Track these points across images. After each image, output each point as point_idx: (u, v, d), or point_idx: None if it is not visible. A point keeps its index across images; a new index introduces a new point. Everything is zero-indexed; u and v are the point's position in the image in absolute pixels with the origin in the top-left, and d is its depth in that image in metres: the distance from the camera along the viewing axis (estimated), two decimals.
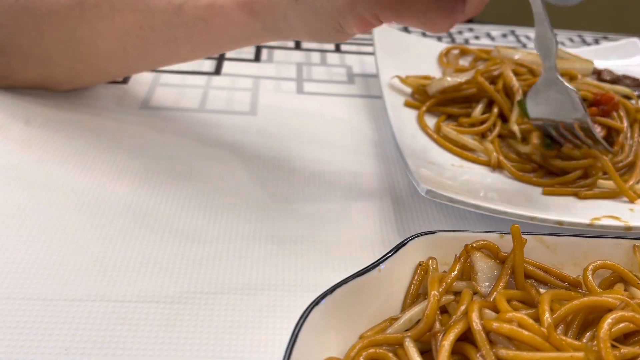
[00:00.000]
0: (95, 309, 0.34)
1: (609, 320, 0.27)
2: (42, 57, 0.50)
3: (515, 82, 0.51)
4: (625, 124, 0.51)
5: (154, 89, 0.57)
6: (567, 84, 0.45)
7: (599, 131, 0.49)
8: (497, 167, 0.46)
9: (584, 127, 0.45)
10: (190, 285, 0.36)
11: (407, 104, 0.53)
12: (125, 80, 0.58)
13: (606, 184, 0.46)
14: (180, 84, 0.59)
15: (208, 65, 0.64)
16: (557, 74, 0.45)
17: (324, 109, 0.57)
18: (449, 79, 0.53)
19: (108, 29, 0.46)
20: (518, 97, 0.50)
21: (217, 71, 0.63)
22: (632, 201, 0.45)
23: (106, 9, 0.45)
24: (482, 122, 0.50)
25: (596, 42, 0.78)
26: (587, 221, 0.40)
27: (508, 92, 0.52)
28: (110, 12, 0.45)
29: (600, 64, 0.64)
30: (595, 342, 0.27)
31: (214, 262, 0.38)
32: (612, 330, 0.28)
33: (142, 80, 0.59)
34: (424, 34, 0.75)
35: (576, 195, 0.45)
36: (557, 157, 0.47)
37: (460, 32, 0.77)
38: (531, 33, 0.81)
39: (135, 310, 0.34)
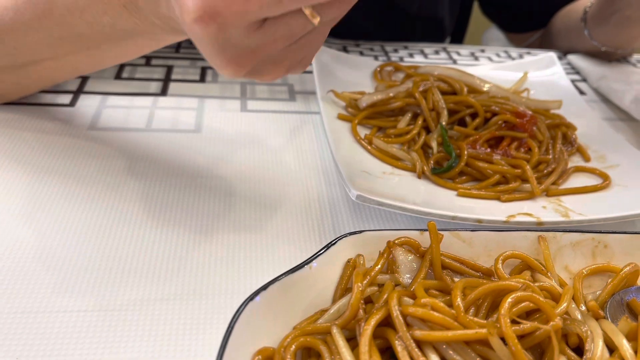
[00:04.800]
0: (45, 320, 0.36)
1: (509, 299, 0.31)
2: None
3: (442, 103, 0.55)
4: (547, 134, 0.56)
5: (101, 111, 0.59)
6: None
7: (523, 152, 0.54)
8: (421, 174, 0.50)
9: None
10: (134, 294, 0.38)
11: (340, 117, 0.57)
12: (72, 103, 0.60)
13: (526, 187, 0.50)
14: (127, 105, 0.61)
15: (154, 86, 0.66)
16: None
17: (266, 125, 0.60)
18: (379, 93, 0.57)
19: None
20: (443, 118, 0.54)
21: (164, 92, 0.65)
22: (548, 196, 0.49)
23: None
24: (408, 133, 0.54)
25: (520, 56, 0.84)
26: (503, 218, 0.44)
27: (435, 107, 0.56)
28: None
29: (519, 75, 0.70)
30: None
31: (157, 271, 0.40)
32: (514, 309, 0.32)
33: (89, 103, 0.61)
34: (361, 53, 0.79)
35: (498, 199, 0.49)
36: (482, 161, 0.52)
37: (395, 50, 0.82)
38: (462, 50, 0.87)
39: (84, 319, 0.36)
